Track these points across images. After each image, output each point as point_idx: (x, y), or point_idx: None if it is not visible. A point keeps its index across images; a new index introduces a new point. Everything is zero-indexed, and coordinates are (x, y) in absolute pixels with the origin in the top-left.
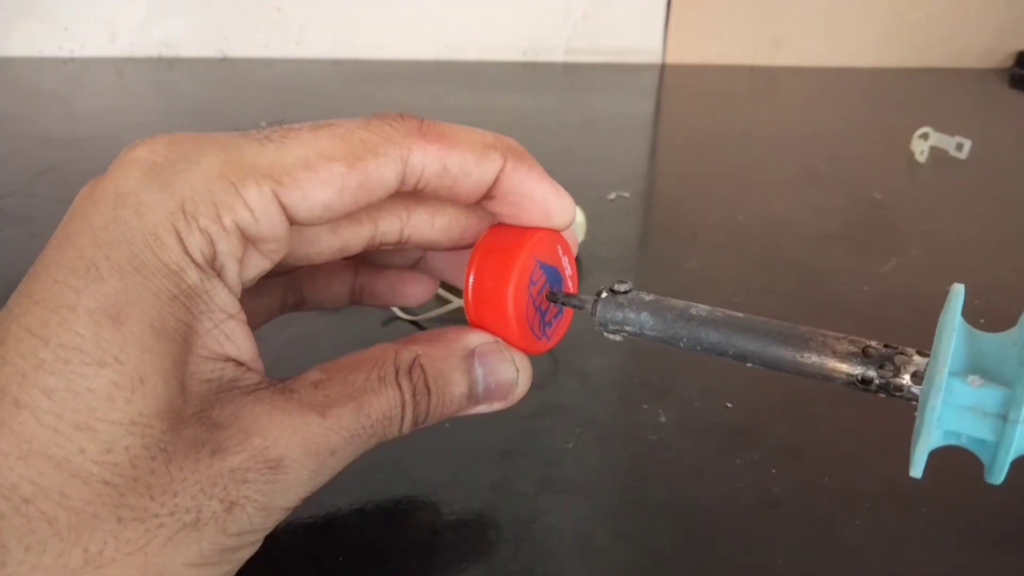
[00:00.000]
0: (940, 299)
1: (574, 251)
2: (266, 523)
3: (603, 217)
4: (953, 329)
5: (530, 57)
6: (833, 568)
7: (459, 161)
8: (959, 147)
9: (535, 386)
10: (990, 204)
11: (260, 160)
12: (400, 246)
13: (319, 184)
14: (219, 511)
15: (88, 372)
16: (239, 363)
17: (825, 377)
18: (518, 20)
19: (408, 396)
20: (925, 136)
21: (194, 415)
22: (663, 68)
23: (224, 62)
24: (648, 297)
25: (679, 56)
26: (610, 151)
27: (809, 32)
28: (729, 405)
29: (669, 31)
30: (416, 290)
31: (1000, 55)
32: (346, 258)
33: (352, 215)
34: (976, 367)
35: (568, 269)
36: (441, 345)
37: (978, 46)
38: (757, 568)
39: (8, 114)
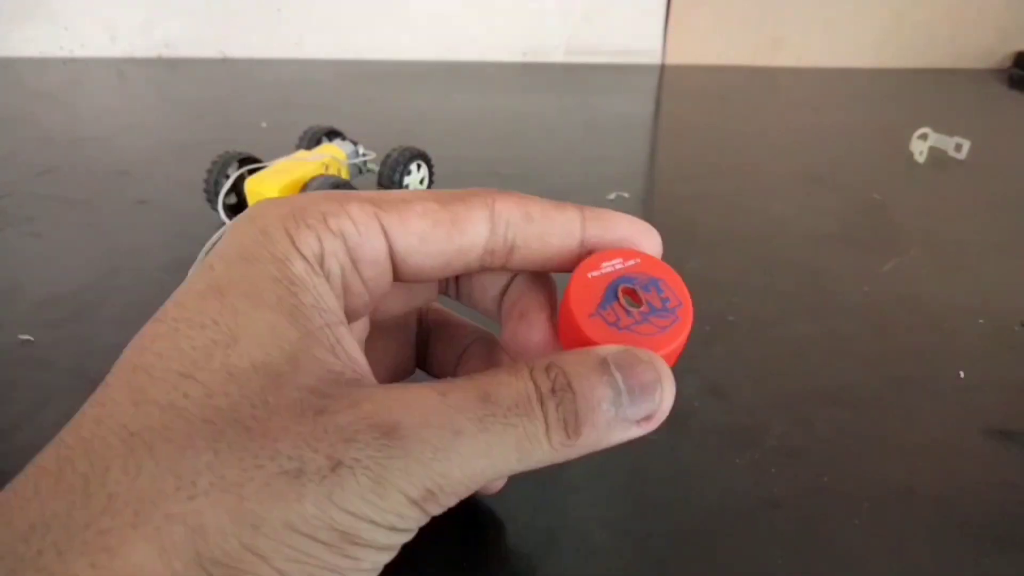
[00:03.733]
0: (940, 299)
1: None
2: (383, 509)
3: None
4: None
5: (530, 57)
6: (833, 568)
7: (540, 209)
8: (958, 147)
9: None
10: (989, 204)
11: (361, 193)
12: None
13: (415, 215)
14: (324, 467)
15: (192, 333)
16: (350, 371)
17: None
18: (518, 20)
19: (546, 390)
20: (924, 136)
21: (304, 386)
22: (663, 68)
23: (224, 62)
24: None
25: (679, 56)
26: (610, 151)
27: (809, 32)
28: (729, 405)
29: (669, 31)
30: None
31: (1000, 55)
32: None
33: (451, 263)
34: None
35: (662, 279)
36: (573, 355)
37: (978, 46)
38: (757, 568)
39: (8, 114)
